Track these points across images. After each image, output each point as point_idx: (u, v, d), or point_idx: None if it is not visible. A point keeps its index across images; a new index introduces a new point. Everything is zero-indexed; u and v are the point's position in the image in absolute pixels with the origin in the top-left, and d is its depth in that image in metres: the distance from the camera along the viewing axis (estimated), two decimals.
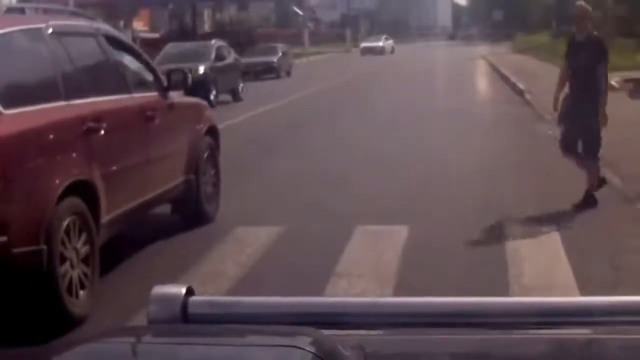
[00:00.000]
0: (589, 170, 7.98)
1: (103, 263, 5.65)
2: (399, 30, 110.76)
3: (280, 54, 34.42)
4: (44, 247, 4.87)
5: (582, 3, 8.04)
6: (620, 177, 8.97)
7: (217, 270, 6.24)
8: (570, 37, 8.47)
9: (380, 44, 64.39)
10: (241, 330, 1.24)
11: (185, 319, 1.26)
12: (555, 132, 13.07)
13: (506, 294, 5.22)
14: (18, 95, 5.18)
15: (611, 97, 18.32)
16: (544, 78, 24.34)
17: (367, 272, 6.05)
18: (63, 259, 5.06)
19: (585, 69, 7.77)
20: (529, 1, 73.58)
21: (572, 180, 9.28)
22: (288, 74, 34.56)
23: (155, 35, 45.30)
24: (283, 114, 18.63)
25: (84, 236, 5.35)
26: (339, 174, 9.71)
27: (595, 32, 8.11)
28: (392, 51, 63.27)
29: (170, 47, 23.46)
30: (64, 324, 4.94)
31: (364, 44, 65.41)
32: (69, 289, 5.10)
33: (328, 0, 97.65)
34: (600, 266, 5.87)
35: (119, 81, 6.72)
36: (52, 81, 5.52)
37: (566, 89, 8.05)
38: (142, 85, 7.20)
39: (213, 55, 22.18)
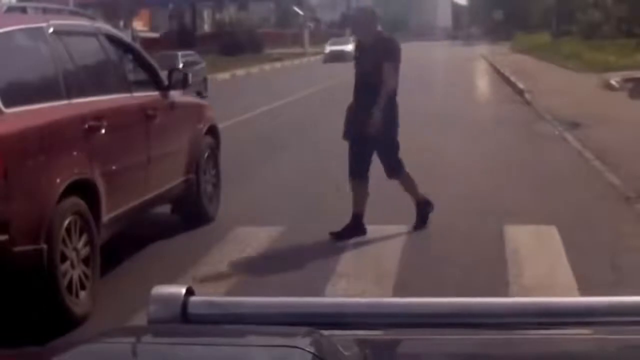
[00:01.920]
0: (407, 190, 7.18)
1: (103, 263, 5.65)
2: (399, 30, 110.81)
3: (179, 67, 21.38)
4: (45, 246, 4.87)
5: (366, 5, 7.54)
6: (620, 177, 8.97)
7: (217, 270, 6.24)
8: (357, 43, 7.51)
9: (350, 47, 46.67)
10: (241, 330, 1.25)
11: (185, 319, 1.26)
12: (560, 132, 13.14)
13: (506, 294, 5.22)
14: (19, 94, 5.18)
15: (611, 97, 18.23)
16: (544, 78, 24.40)
17: (367, 272, 6.05)
18: (64, 258, 5.07)
19: (370, 73, 6.87)
20: (529, 1, 73.65)
21: (574, 180, 9.29)
22: (199, 94, 23.56)
23: (155, 35, 45.35)
24: None
25: (84, 235, 5.35)
26: None
27: (386, 34, 7.27)
28: None
29: None
30: (65, 323, 4.93)
31: (330, 48, 49.82)
32: (70, 289, 5.10)
33: (328, 0, 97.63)
34: (600, 266, 5.87)
35: (120, 80, 6.73)
36: (53, 80, 5.52)
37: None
38: (143, 84, 7.20)
39: None
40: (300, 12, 68.96)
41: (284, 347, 1.14)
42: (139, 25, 46.96)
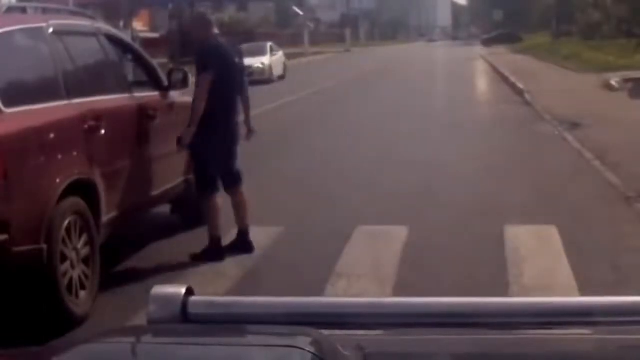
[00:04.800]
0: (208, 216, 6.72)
1: (103, 263, 5.65)
2: (399, 30, 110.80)
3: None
4: (45, 246, 4.87)
5: (202, 11, 7.20)
6: (620, 177, 8.96)
7: (217, 270, 6.24)
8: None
9: (264, 60, 30.56)
10: (241, 330, 1.25)
11: (185, 319, 1.26)
12: (560, 132, 13.14)
13: (506, 294, 5.22)
14: (19, 94, 5.18)
15: (611, 97, 18.22)
16: (544, 78, 24.39)
17: (367, 272, 6.05)
18: (64, 258, 5.07)
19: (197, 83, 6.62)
20: (529, 1, 73.65)
21: (574, 180, 9.28)
22: None
23: (155, 35, 45.32)
24: None
25: (84, 235, 5.35)
26: None
27: (213, 41, 6.70)
28: (284, 74, 32.73)
29: None
30: (65, 323, 4.94)
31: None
32: (70, 289, 5.10)
33: (328, 0, 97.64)
34: (600, 266, 5.87)
35: (120, 80, 6.73)
36: (53, 80, 5.52)
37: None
38: (142, 84, 7.20)
39: None
40: (300, 12, 68.94)
41: (284, 347, 1.14)
42: (139, 25, 46.90)
